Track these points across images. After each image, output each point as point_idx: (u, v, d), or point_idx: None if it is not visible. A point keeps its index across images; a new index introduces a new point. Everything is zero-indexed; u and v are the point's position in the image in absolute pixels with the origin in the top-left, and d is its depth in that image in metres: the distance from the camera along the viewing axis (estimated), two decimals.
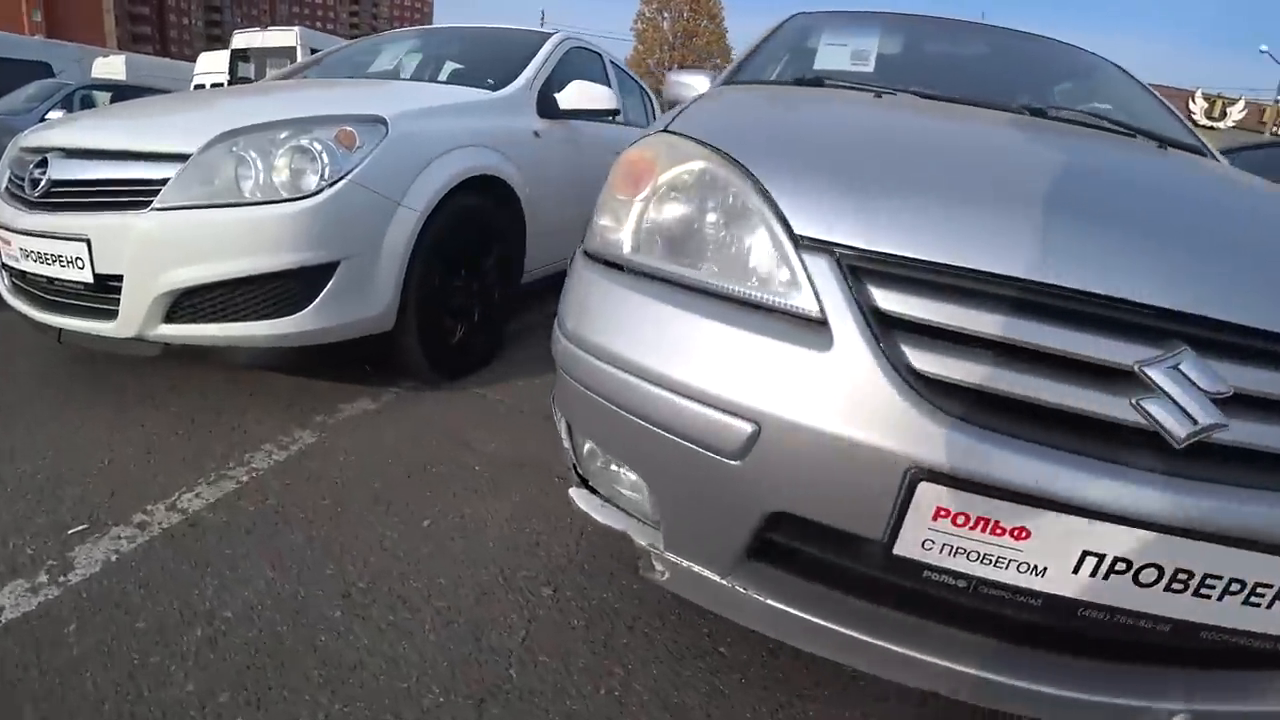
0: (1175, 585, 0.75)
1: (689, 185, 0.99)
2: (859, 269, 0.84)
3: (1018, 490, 0.74)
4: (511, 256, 2.47)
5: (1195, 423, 0.72)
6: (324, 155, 1.66)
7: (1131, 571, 0.75)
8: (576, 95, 2.60)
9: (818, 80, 1.70)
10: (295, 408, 1.95)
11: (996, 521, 0.77)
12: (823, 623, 0.89)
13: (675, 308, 0.92)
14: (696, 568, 0.98)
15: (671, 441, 0.90)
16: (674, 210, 0.99)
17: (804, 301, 0.85)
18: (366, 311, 1.84)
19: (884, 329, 0.81)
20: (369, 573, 1.32)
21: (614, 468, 1.06)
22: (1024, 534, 0.77)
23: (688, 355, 0.89)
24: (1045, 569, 0.77)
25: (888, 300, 0.82)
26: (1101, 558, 0.75)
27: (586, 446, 1.09)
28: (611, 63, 3.62)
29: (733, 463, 0.86)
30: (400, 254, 1.87)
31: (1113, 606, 0.78)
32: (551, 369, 1.11)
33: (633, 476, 1.02)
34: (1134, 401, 0.74)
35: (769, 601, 0.92)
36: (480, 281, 2.31)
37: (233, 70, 10.76)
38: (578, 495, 1.10)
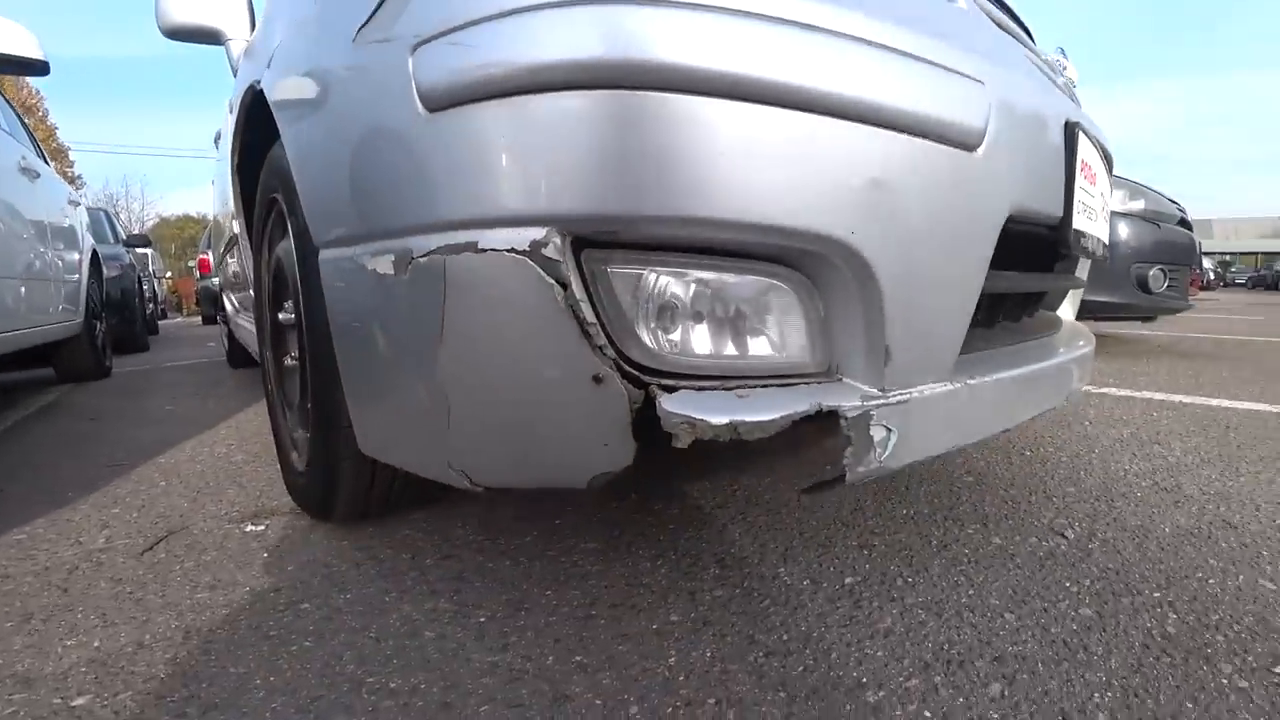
0: None
1: None
2: None
3: None
4: None
5: None
6: None
7: None
8: None
9: None
10: None
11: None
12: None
13: None
14: (928, 389, 0.58)
15: (889, 143, 0.50)
16: None
17: None
18: None
19: None
20: None
21: (712, 310, 0.52)
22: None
23: None
24: None
25: None
26: None
27: (656, 281, 0.49)
28: None
29: (970, 153, 0.54)
30: None
31: None
32: None
33: (775, 293, 0.52)
34: None
35: (995, 377, 0.65)
36: None
37: None
38: (677, 403, 0.48)
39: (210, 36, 1.46)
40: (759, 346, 0.52)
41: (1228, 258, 38.17)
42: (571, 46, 0.44)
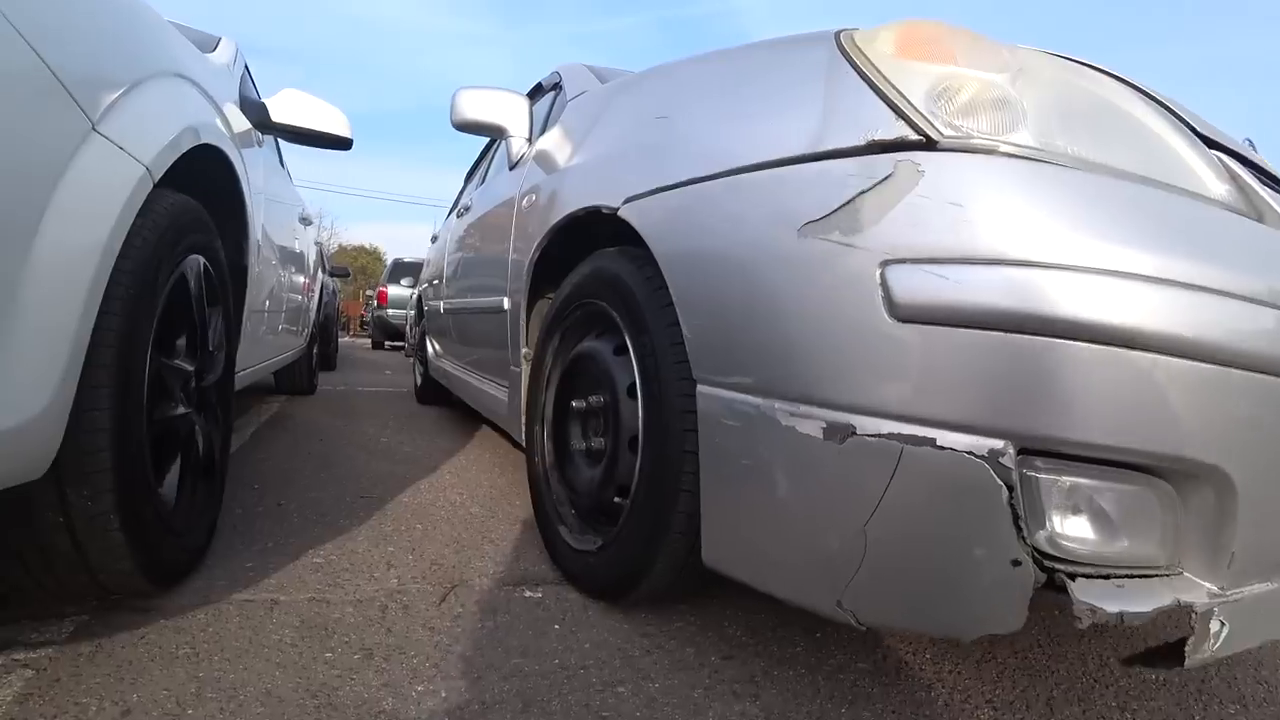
0: None
1: None
2: None
3: None
4: (229, 334, 1.44)
5: None
6: None
7: None
8: (297, 108, 1.77)
9: None
10: None
11: None
12: None
13: None
14: (1256, 586, 0.73)
15: (1258, 383, 0.67)
16: None
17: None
18: None
19: None
20: None
21: (1098, 510, 0.70)
22: None
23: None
24: None
25: None
26: None
27: (1063, 485, 0.68)
28: None
29: None
30: (89, 265, 0.79)
31: None
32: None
33: (1147, 499, 0.70)
34: None
35: None
36: (200, 372, 1.25)
37: None
38: (1081, 591, 0.66)
39: (496, 131, 1.96)
40: (1126, 542, 0.70)
41: None
42: (1004, 297, 0.66)
